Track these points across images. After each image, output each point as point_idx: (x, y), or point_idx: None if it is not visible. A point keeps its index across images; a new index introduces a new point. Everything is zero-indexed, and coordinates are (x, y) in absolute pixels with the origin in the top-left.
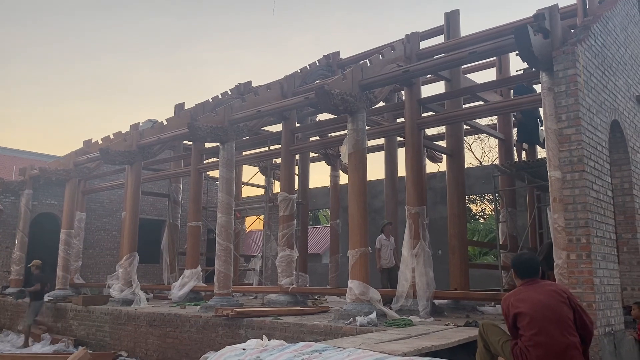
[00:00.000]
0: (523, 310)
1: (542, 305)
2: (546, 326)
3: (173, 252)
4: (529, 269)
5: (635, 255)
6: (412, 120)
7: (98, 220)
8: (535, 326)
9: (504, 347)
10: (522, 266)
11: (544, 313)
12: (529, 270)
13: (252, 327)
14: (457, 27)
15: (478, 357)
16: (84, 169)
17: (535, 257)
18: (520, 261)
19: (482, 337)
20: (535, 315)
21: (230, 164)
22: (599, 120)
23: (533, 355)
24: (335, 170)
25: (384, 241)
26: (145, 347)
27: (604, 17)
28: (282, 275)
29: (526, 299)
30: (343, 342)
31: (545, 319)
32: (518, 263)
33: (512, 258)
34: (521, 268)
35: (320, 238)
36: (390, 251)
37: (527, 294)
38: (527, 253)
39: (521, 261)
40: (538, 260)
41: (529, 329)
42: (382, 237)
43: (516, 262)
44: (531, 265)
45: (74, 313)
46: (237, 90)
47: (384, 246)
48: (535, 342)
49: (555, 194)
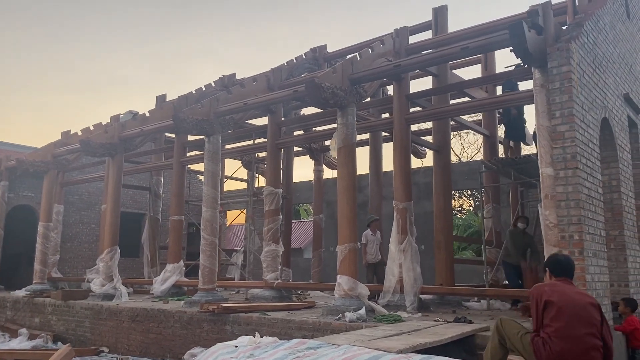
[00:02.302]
0: (555, 300)
1: (575, 302)
2: (574, 322)
3: (154, 246)
4: (565, 269)
5: (621, 252)
6: (400, 115)
7: (76, 213)
8: (564, 319)
9: (523, 338)
10: (559, 265)
11: (574, 309)
12: (566, 269)
13: (239, 322)
14: (445, 23)
15: (490, 353)
16: (63, 161)
17: (571, 260)
18: (557, 260)
19: (499, 332)
20: (566, 309)
21: (216, 157)
22: (591, 117)
23: (556, 346)
24: (319, 165)
25: (370, 236)
26: (128, 342)
27: (596, 15)
28: (267, 270)
29: (561, 292)
30: (337, 338)
31: (574, 315)
32: (555, 262)
33: (548, 258)
34: (558, 267)
35: (301, 232)
36: (376, 246)
37: (562, 288)
38: (564, 255)
39: (558, 261)
40: (573, 263)
41: (556, 320)
42: (369, 233)
43: (552, 262)
44: (568, 265)
45: (53, 308)
46: (221, 83)
47: (370, 241)
48: (561, 334)
49: (547, 190)
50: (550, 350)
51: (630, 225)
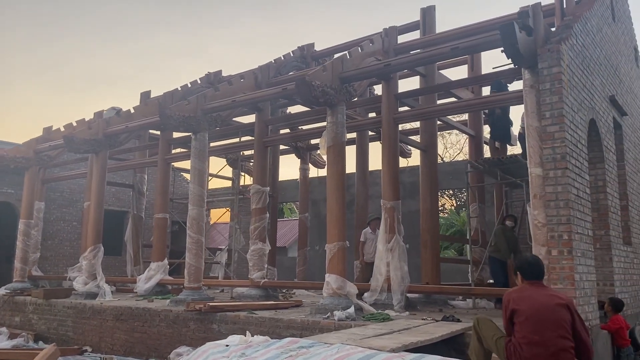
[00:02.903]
0: (522, 308)
1: (541, 305)
2: (542, 327)
3: (137, 244)
4: (534, 271)
5: (607, 251)
6: (389, 114)
7: (57, 211)
8: (531, 325)
9: (498, 342)
10: (528, 268)
11: (541, 314)
12: (535, 272)
13: (226, 321)
14: (432, 23)
15: (472, 351)
16: (45, 157)
17: (540, 261)
18: (527, 263)
19: (476, 331)
20: (532, 315)
21: (203, 155)
22: (580, 118)
23: (526, 353)
24: (305, 164)
25: (369, 235)
26: (112, 341)
27: (584, 17)
28: (253, 269)
29: (527, 298)
30: (328, 337)
31: (541, 319)
32: (525, 265)
33: (518, 261)
34: (527, 270)
35: (286, 231)
36: (375, 245)
37: (529, 293)
38: (533, 256)
39: (527, 263)
40: (543, 264)
41: (524, 327)
42: (368, 231)
43: (522, 264)
44: (537, 268)
45: (34, 307)
46: (207, 80)
47: (369, 240)
48: (529, 340)
49: (535, 190)
50: (520, 357)
51: (616, 225)
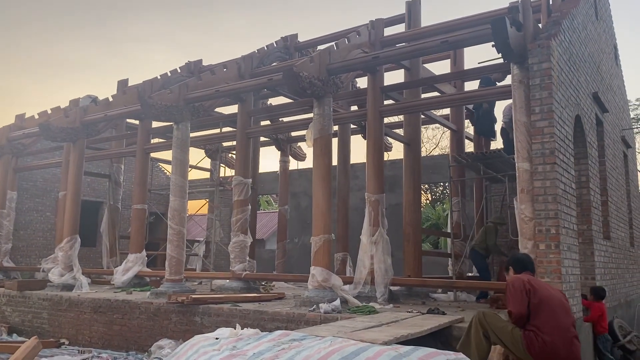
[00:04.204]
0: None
1: (552, 294)
2: (558, 313)
3: (113, 236)
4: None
5: (589, 246)
6: (374, 107)
7: (30, 200)
8: (549, 311)
9: (514, 332)
10: (520, 262)
11: (555, 301)
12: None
13: (209, 314)
14: (418, 17)
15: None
16: (19, 145)
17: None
18: (518, 258)
19: (483, 326)
20: (548, 301)
21: (185, 145)
22: (567, 114)
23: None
24: (285, 156)
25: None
26: (90, 334)
27: (571, 14)
28: (235, 261)
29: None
30: (319, 330)
31: (557, 306)
32: (516, 260)
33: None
34: (520, 264)
35: (263, 224)
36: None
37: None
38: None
39: (518, 258)
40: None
41: (542, 311)
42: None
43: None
44: (530, 261)
45: (8, 298)
46: (187, 69)
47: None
48: (550, 325)
49: (523, 185)
50: (543, 341)
51: (597, 220)
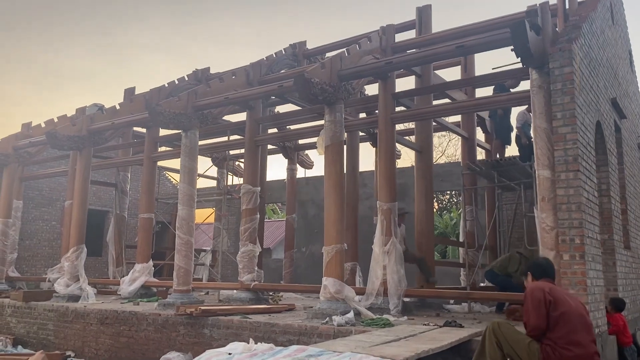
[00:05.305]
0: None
1: (572, 307)
2: (579, 327)
3: (120, 245)
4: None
5: (611, 256)
6: (386, 114)
7: (36, 210)
8: (569, 325)
9: (531, 345)
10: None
11: (576, 314)
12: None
13: (218, 326)
14: (429, 22)
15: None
16: (25, 154)
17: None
18: (538, 263)
19: (497, 336)
20: (569, 314)
21: (193, 153)
22: (588, 120)
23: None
24: (293, 164)
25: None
26: (96, 346)
27: (590, 18)
28: (243, 271)
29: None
30: (335, 345)
31: (578, 321)
32: (535, 265)
33: (530, 263)
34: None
35: (270, 232)
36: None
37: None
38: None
39: (538, 263)
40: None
41: (563, 324)
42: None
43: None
44: (549, 266)
45: (13, 309)
46: (195, 77)
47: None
48: (570, 340)
49: (544, 193)
50: (561, 356)
51: (618, 230)
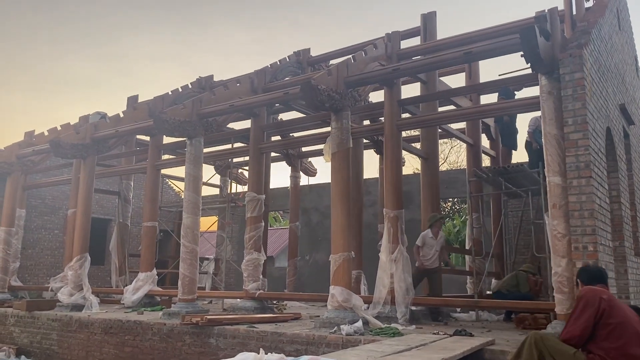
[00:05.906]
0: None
1: (629, 318)
2: (634, 341)
3: (123, 254)
4: (597, 276)
5: (622, 263)
6: (391, 121)
7: (39, 218)
8: (624, 337)
9: (577, 356)
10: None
11: (632, 327)
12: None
13: (224, 335)
14: (434, 29)
15: None
16: (28, 162)
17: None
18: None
19: (539, 348)
20: (625, 326)
21: (198, 161)
22: (599, 126)
23: None
24: (296, 171)
25: (428, 239)
26: (100, 356)
27: (599, 24)
28: (248, 280)
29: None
30: (346, 355)
31: (633, 333)
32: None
33: (579, 270)
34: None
35: (273, 240)
36: (436, 251)
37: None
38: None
39: (590, 271)
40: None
41: (617, 336)
42: (428, 234)
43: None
44: (601, 273)
45: (16, 319)
46: (199, 84)
47: (427, 245)
48: (622, 353)
49: (555, 199)
50: None
51: (628, 236)
